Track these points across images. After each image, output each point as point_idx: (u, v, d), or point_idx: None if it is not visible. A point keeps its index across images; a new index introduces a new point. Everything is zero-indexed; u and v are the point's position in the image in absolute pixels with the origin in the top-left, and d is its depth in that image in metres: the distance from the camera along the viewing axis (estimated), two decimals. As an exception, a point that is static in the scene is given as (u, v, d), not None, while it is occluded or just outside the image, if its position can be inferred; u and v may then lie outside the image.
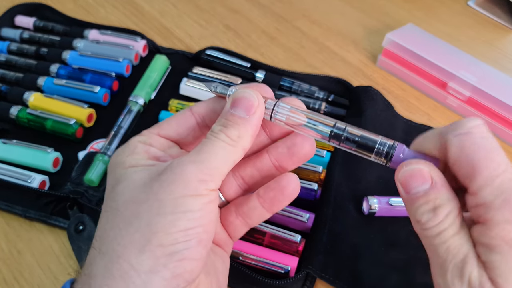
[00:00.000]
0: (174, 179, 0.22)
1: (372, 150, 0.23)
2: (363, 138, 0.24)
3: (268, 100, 0.25)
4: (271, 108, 0.25)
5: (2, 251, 0.38)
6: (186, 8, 0.64)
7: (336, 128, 0.24)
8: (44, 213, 0.40)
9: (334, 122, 0.25)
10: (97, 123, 0.48)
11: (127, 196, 0.22)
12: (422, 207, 0.21)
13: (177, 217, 0.21)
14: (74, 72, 0.51)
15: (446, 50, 0.54)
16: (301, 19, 0.63)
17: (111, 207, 0.23)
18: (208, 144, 0.23)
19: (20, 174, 0.41)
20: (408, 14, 0.65)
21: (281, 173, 0.27)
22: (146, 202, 0.22)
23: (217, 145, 0.23)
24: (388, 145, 0.23)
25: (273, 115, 0.25)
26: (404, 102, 0.53)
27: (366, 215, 0.40)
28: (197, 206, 0.22)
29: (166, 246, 0.21)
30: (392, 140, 0.24)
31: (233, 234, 0.28)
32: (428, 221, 0.21)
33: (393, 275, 0.37)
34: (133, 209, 0.22)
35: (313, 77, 0.51)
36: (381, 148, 0.23)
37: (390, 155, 0.23)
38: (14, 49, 0.54)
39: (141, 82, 0.50)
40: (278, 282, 0.35)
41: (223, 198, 0.28)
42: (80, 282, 0.22)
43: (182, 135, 0.27)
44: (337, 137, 0.24)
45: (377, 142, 0.23)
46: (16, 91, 0.48)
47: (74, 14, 0.60)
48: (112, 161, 0.25)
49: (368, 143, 0.24)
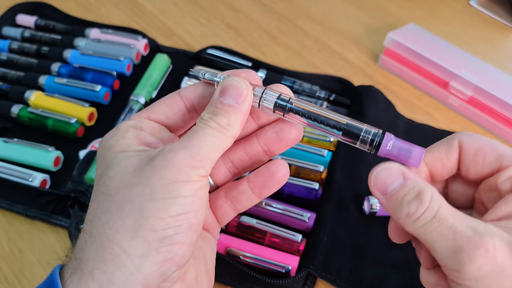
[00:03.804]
0: (166, 165, 0.22)
1: (358, 138, 0.24)
2: (349, 126, 0.24)
3: (256, 88, 0.25)
4: (259, 95, 0.25)
5: (3, 249, 0.39)
6: (187, 7, 0.63)
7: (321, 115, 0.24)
8: (45, 212, 0.40)
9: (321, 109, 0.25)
10: (98, 122, 0.48)
11: (118, 181, 0.22)
12: (405, 199, 0.21)
13: (169, 203, 0.21)
14: (75, 71, 0.51)
15: (447, 49, 0.54)
16: (302, 18, 0.63)
17: (101, 192, 0.23)
18: (198, 132, 0.23)
19: (21, 172, 0.41)
20: (409, 14, 0.65)
21: (270, 157, 0.28)
22: (138, 187, 0.22)
23: (207, 132, 0.23)
24: (373, 133, 0.23)
25: (261, 103, 0.25)
26: (406, 102, 0.53)
27: (367, 214, 0.40)
28: (188, 192, 0.22)
29: (158, 231, 0.21)
30: (377, 129, 0.24)
31: (221, 219, 0.29)
32: (417, 209, 0.21)
33: (394, 275, 0.37)
34: (125, 194, 0.22)
35: (315, 76, 0.51)
36: (367, 136, 0.23)
37: (376, 143, 0.23)
38: (15, 47, 0.54)
39: (142, 81, 0.50)
40: (279, 281, 0.35)
41: (212, 182, 0.29)
42: (71, 267, 0.22)
43: (171, 119, 0.27)
44: (323, 123, 0.24)
45: (363, 130, 0.24)
46: (17, 90, 0.48)
47: (75, 13, 0.60)
48: (102, 145, 0.25)
49: (354, 130, 0.24)
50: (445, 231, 0.20)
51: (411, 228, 0.22)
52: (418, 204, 0.21)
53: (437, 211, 0.21)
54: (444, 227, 0.20)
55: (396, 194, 0.22)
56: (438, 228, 0.21)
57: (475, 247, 0.20)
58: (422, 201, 0.21)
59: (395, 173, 0.22)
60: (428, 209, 0.21)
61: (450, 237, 0.20)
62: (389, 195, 0.22)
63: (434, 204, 0.21)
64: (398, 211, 0.22)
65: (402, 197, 0.22)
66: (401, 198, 0.22)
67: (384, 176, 0.22)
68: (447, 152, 0.24)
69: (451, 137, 0.24)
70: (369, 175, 0.23)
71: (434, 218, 0.21)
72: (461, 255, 0.20)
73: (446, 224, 0.20)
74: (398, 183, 0.22)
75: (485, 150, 0.23)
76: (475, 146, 0.23)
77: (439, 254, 0.21)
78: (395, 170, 0.22)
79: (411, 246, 0.38)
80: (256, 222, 0.38)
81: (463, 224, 0.20)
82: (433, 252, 0.21)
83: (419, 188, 0.21)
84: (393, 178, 0.22)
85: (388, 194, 0.22)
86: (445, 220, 0.21)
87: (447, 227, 0.20)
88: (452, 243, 0.20)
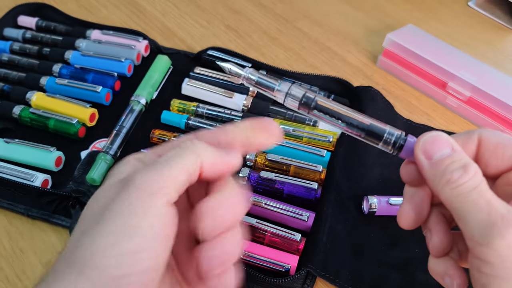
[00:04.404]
0: (124, 193, 0.20)
1: (381, 139, 0.24)
2: (372, 127, 0.24)
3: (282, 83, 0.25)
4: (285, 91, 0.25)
5: (5, 249, 0.39)
6: (187, 9, 0.64)
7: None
8: (47, 212, 0.40)
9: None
10: (99, 122, 0.48)
11: (91, 205, 0.22)
12: (451, 166, 0.22)
13: (121, 238, 0.19)
14: (76, 71, 0.51)
15: (446, 50, 0.54)
16: (302, 20, 0.63)
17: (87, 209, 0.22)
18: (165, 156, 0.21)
19: (23, 173, 0.42)
20: (408, 15, 0.65)
21: None
22: (96, 216, 0.20)
23: (174, 154, 0.21)
24: (396, 135, 0.24)
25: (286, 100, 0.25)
26: (404, 102, 0.53)
27: (366, 214, 0.41)
28: (145, 224, 0.19)
29: (103, 270, 0.18)
30: (400, 131, 0.24)
31: None
32: (460, 177, 0.21)
33: (393, 274, 0.37)
34: (85, 223, 0.21)
35: (314, 77, 0.52)
36: (390, 137, 0.24)
37: (398, 145, 0.24)
38: (16, 48, 0.55)
39: (143, 82, 0.50)
40: (278, 280, 0.35)
41: None
42: None
43: None
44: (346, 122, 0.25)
45: (386, 132, 0.24)
46: (19, 91, 0.49)
47: (76, 14, 0.60)
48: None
49: (377, 131, 0.24)
50: (482, 203, 0.21)
51: (447, 196, 0.22)
52: (462, 173, 0.21)
53: (479, 184, 0.21)
54: (483, 200, 0.21)
55: (442, 160, 0.22)
56: (476, 199, 0.21)
57: (508, 224, 0.20)
58: (467, 171, 0.21)
59: (444, 142, 0.23)
60: (471, 179, 0.21)
61: (485, 210, 0.21)
62: (434, 160, 0.23)
63: (477, 177, 0.22)
64: (439, 176, 0.22)
65: (447, 164, 0.22)
66: (446, 165, 0.22)
67: (432, 142, 0.23)
68: (464, 145, 0.24)
69: (471, 131, 0.25)
70: (418, 139, 0.23)
71: (474, 189, 0.21)
72: (492, 229, 0.20)
73: (484, 198, 0.21)
74: (446, 151, 0.23)
75: (504, 144, 0.23)
76: (494, 140, 0.24)
77: (469, 225, 0.21)
78: (445, 140, 0.23)
79: (411, 246, 0.39)
80: (256, 222, 0.38)
81: (500, 203, 0.21)
82: (463, 223, 0.21)
83: (465, 161, 0.22)
84: (442, 146, 0.23)
85: (433, 160, 0.23)
86: (484, 194, 0.21)
87: (485, 200, 0.21)
88: (486, 217, 0.20)
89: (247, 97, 0.49)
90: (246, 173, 0.42)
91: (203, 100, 0.50)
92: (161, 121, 0.48)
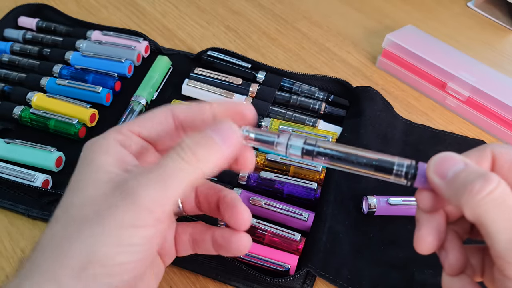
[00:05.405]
0: (122, 206, 0.21)
1: (391, 172, 0.23)
2: (380, 162, 0.23)
3: (281, 136, 0.25)
4: (285, 143, 0.24)
5: (5, 249, 0.39)
6: (187, 9, 0.64)
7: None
8: (47, 212, 0.40)
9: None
10: (99, 123, 0.48)
11: (80, 207, 0.21)
12: (468, 177, 0.21)
13: (117, 250, 0.21)
14: (76, 72, 0.51)
15: (445, 50, 0.54)
16: (301, 20, 0.63)
17: (68, 205, 0.22)
18: (169, 165, 0.21)
19: (23, 173, 0.42)
20: (407, 16, 0.65)
21: None
22: (93, 224, 0.21)
23: (178, 166, 0.21)
24: (407, 165, 0.23)
25: (288, 151, 0.25)
26: (404, 103, 0.53)
27: (365, 214, 0.41)
28: (140, 240, 0.21)
29: (100, 279, 0.20)
30: (409, 160, 0.23)
31: (180, 252, 0.28)
32: (483, 186, 0.20)
33: (392, 274, 0.37)
34: (80, 226, 0.21)
35: (313, 78, 0.52)
36: (400, 169, 0.23)
37: (411, 175, 0.23)
38: (17, 49, 0.55)
39: (143, 83, 0.50)
40: (278, 280, 0.35)
41: (181, 207, 0.28)
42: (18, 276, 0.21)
43: (160, 136, 0.26)
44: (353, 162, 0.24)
45: (395, 164, 0.23)
46: (19, 91, 0.49)
47: (76, 15, 0.60)
48: (85, 150, 0.24)
49: (386, 165, 0.23)
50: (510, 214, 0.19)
51: (472, 210, 0.20)
52: (484, 182, 0.20)
53: (504, 192, 0.20)
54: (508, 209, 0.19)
55: (457, 175, 0.21)
56: (505, 210, 0.20)
57: None
58: (488, 180, 0.20)
59: (455, 159, 0.22)
60: (497, 188, 0.20)
61: None
62: (449, 178, 0.21)
63: (504, 186, 0.20)
64: (460, 191, 0.21)
65: (464, 177, 0.21)
66: (463, 178, 0.21)
67: (443, 162, 0.22)
68: (478, 163, 0.23)
69: (481, 148, 0.23)
70: (428, 163, 0.23)
71: (501, 197, 0.20)
72: None
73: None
74: (459, 167, 0.21)
75: None
76: (510, 156, 0.22)
77: (497, 241, 0.20)
78: (455, 157, 0.22)
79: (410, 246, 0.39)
80: (255, 222, 0.38)
81: None
82: (490, 238, 0.20)
83: (482, 171, 0.21)
84: (453, 163, 0.22)
85: (448, 178, 0.21)
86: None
87: None
88: None
89: (246, 97, 0.49)
90: (245, 173, 0.42)
91: (203, 101, 0.50)
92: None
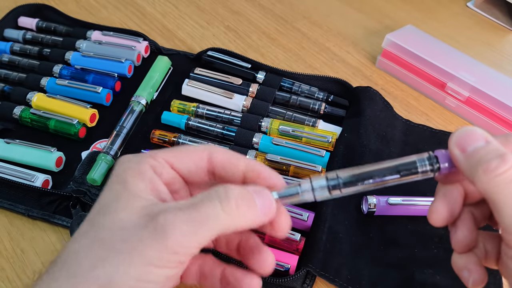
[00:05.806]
0: (151, 241, 0.21)
1: (416, 171, 0.24)
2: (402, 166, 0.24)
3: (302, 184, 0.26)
4: (310, 190, 0.26)
5: (6, 249, 0.39)
6: (187, 10, 0.64)
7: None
8: (47, 212, 0.40)
9: None
10: (99, 123, 0.48)
11: (108, 233, 0.22)
12: (486, 156, 0.22)
13: (137, 285, 0.21)
14: (76, 72, 0.51)
15: (445, 50, 0.54)
16: (301, 20, 0.63)
17: (94, 226, 0.22)
18: (205, 205, 0.22)
19: (23, 173, 0.42)
20: (407, 16, 0.65)
21: None
22: (118, 254, 0.21)
23: (213, 212, 0.22)
24: (427, 157, 0.24)
25: (315, 196, 0.26)
26: (403, 102, 0.53)
27: (365, 214, 0.41)
28: (160, 279, 0.21)
29: None
30: (425, 153, 0.24)
31: (185, 279, 0.28)
32: (499, 165, 0.21)
33: (392, 273, 0.37)
34: (105, 254, 0.21)
35: (313, 78, 0.52)
36: (423, 165, 0.24)
37: (435, 166, 0.24)
38: (17, 49, 0.55)
39: (143, 83, 0.51)
40: (278, 280, 0.35)
41: None
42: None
43: (191, 173, 0.26)
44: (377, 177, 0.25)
45: (416, 162, 0.24)
46: (19, 91, 0.49)
47: (76, 15, 0.60)
48: (117, 170, 0.24)
49: (409, 167, 0.24)
50: None
51: (484, 186, 0.21)
52: (500, 162, 0.21)
53: None
54: None
55: (477, 151, 0.22)
56: None
57: None
58: (505, 160, 0.21)
59: (478, 135, 0.23)
60: (510, 169, 0.21)
61: None
62: (469, 152, 0.22)
63: None
64: (475, 167, 0.22)
65: (483, 154, 0.22)
66: (481, 155, 0.22)
67: (466, 135, 0.23)
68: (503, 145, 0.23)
69: (509, 134, 0.24)
70: (451, 135, 0.23)
71: None
72: None
73: None
74: (480, 143, 0.22)
75: None
76: None
77: (505, 216, 0.21)
78: (478, 133, 0.23)
79: (410, 245, 0.39)
80: (255, 222, 0.38)
81: None
82: (499, 213, 0.21)
83: (502, 151, 0.22)
84: (475, 138, 0.22)
85: (468, 152, 0.22)
86: None
87: None
88: None
89: (246, 97, 0.50)
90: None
91: (203, 101, 0.50)
92: (161, 121, 0.48)
